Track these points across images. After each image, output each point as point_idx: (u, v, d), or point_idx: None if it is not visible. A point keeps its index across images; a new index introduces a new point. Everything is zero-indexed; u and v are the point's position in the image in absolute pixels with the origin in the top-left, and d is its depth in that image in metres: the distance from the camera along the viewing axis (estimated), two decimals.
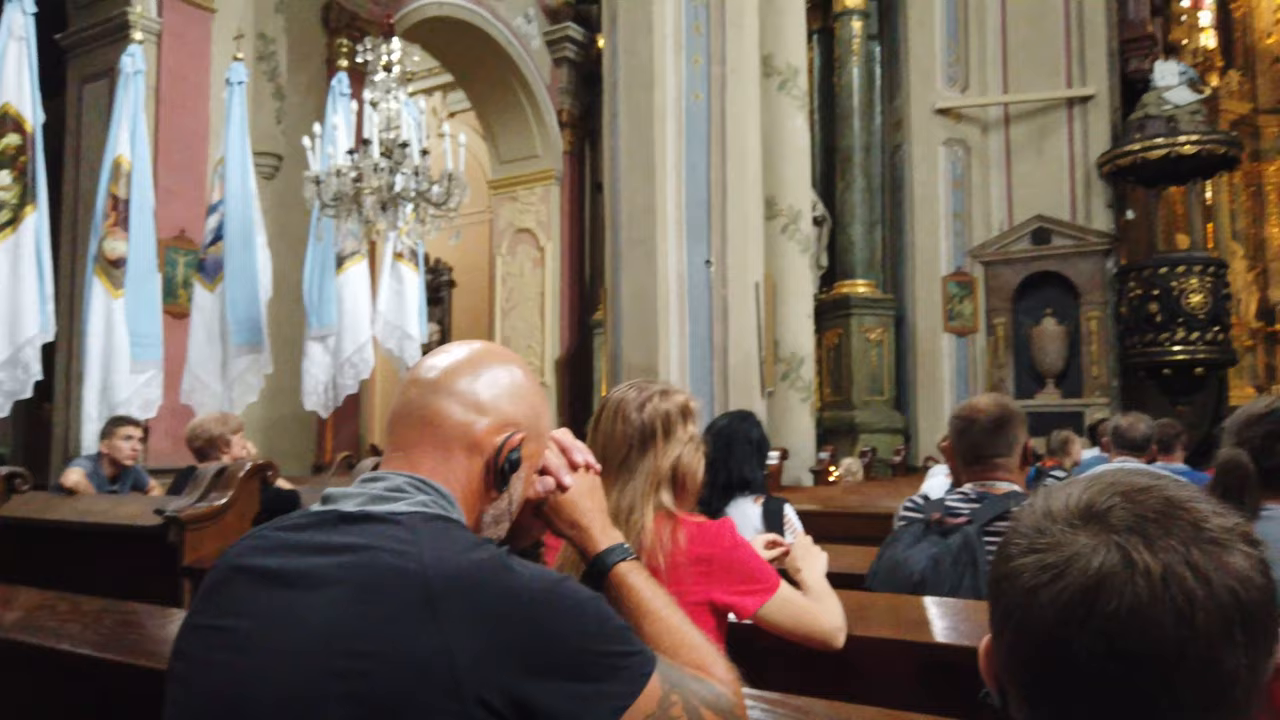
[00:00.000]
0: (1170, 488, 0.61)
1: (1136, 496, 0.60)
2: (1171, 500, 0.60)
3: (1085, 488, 0.62)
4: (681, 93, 6.60)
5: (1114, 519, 0.59)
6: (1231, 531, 0.59)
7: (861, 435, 9.40)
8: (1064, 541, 0.59)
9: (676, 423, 1.55)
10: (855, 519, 4.52)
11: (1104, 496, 0.61)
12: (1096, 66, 9.35)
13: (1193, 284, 8.76)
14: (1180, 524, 0.58)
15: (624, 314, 6.78)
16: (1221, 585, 0.56)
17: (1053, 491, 0.64)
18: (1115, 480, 0.62)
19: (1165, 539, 0.57)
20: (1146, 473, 0.64)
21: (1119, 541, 0.58)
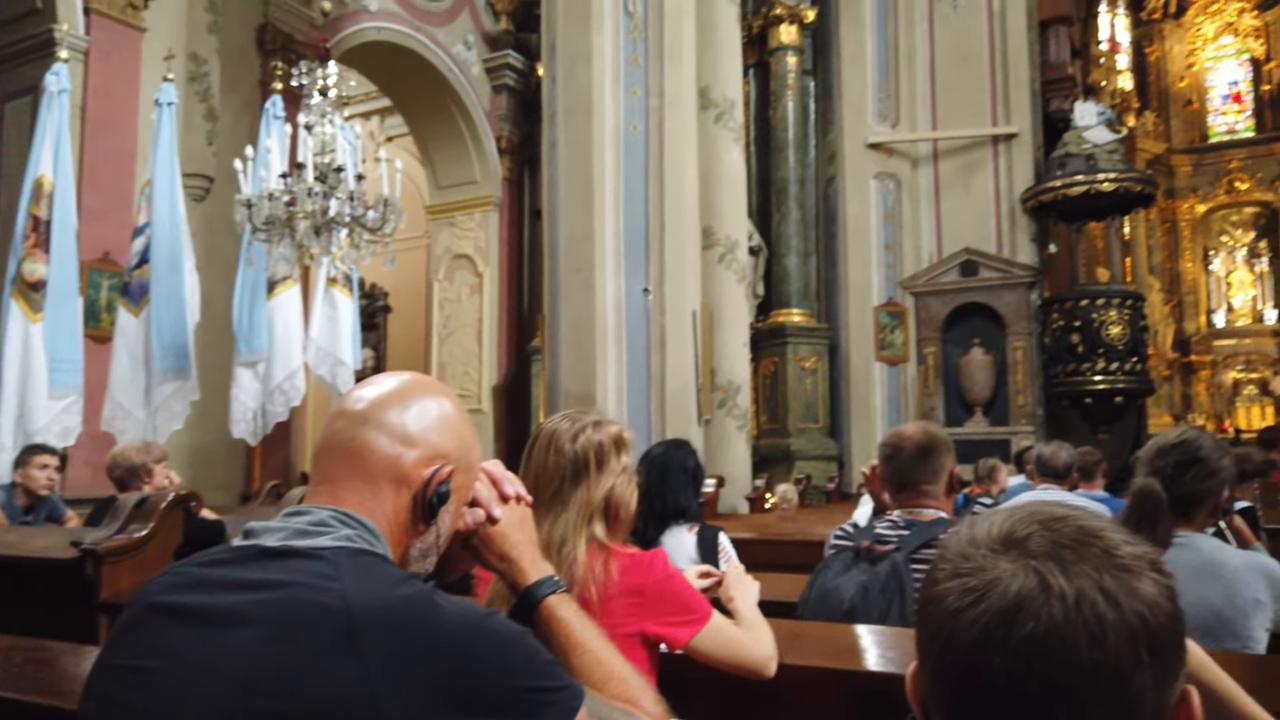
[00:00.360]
0: (1084, 518, 0.64)
1: (1053, 525, 0.63)
2: (1085, 529, 0.63)
3: (1007, 516, 0.65)
4: (620, 123, 6.67)
5: (1033, 545, 0.62)
6: (1141, 559, 0.62)
7: (797, 462, 9.51)
8: (986, 566, 0.62)
9: (610, 454, 1.55)
10: (789, 547, 4.56)
11: (1024, 525, 0.63)
12: (1020, 106, 9.70)
13: (1112, 316, 9.09)
14: (1093, 551, 0.61)
15: (562, 341, 6.78)
16: (1131, 609, 0.59)
17: (977, 520, 0.67)
18: (1034, 510, 0.65)
19: (1079, 565, 0.60)
20: (1063, 504, 0.67)
21: (1036, 567, 0.60)
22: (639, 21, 6.70)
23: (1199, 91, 19.69)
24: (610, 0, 6.67)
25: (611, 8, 6.68)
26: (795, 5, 10.06)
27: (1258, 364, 17.79)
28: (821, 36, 10.48)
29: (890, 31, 10.12)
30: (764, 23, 10.22)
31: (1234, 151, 18.76)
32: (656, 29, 6.74)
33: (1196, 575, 1.89)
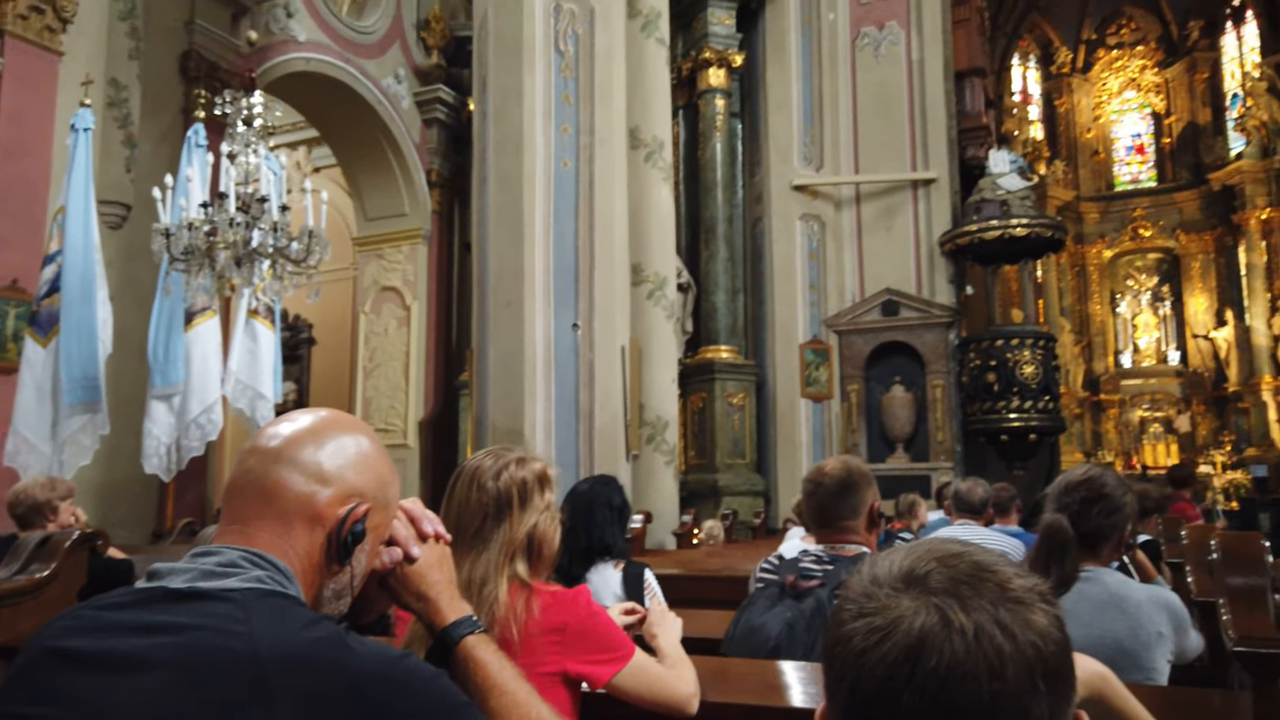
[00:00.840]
0: (978, 553, 0.67)
1: (950, 562, 0.65)
2: (980, 564, 0.65)
3: (906, 555, 0.67)
4: (550, 159, 6.71)
5: (933, 582, 0.64)
6: (1031, 591, 0.64)
7: (724, 498, 9.57)
8: (889, 605, 0.63)
9: (533, 491, 1.55)
10: (716, 582, 4.57)
11: (923, 562, 0.66)
12: (938, 152, 10.07)
13: (1025, 356, 9.43)
14: (988, 586, 0.63)
15: (490, 376, 6.74)
16: (1026, 641, 0.61)
17: (878, 559, 0.69)
18: (931, 548, 0.68)
19: (977, 600, 0.62)
20: (958, 541, 0.69)
21: (937, 603, 0.62)
22: (570, 60, 6.78)
23: (1105, 143, 20.74)
24: (542, 39, 6.74)
25: (543, 46, 6.75)
26: (724, 50, 10.30)
27: (1162, 403, 18.61)
28: (749, 81, 10.74)
29: (815, 78, 10.43)
30: (693, 66, 10.43)
31: (1138, 200, 19.75)
32: (587, 68, 6.83)
33: (1102, 608, 1.94)
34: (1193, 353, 18.62)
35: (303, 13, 9.61)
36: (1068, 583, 1.92)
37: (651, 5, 7.65)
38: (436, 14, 11.36)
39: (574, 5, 6.83)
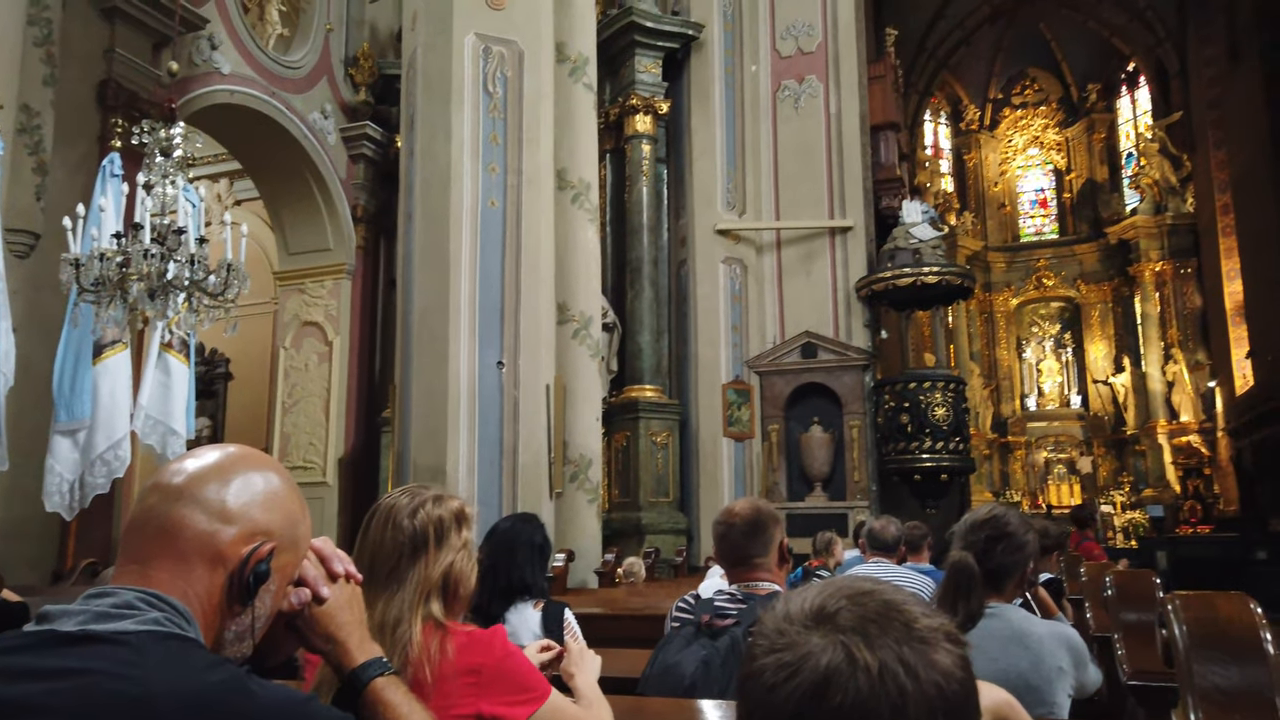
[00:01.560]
0: (888, 592, 0.69)
1: (861, 600, 0.68)
2: (889, 603, 0.67)
3: (819, 592, 0.70)
4: (478, 198, 6.75)
5: (841, 620, 0.66)
6: (937, 631, 0.66)
7: (647, 536, 9.60)
8: (799, 642, 0.65)
9: (450, 529, 1.54)
10: (637, 621, 4.59)
11: (834, 600, 0.68)
12: (854, 202, 10.44)
13: (937, 398, 9.76)
14: (895, 625, 0.66)
15: (413, 413, 6.68)
16: (928, 680, 0.63)
17: (790, 596, 0.72)
18: (843, 585, 0.70)
19: (883, 639, 0.64)
20: (871, 579, 0.72)
21: (844, 641, 0.64)
22: (498, 102, 6.87)
23: (1011, 196, 21.75)
24: (470, 79, 6.82)
25: (472, 87, 6.82)
26: (650, 97, 10.54)
27: (1066, 445, 19.39)
28: (674, 127, 10.99)
29: (738, 127, 10.74)
30: (621, 111, 10.64)
31: (1041, 251, 20.72)
32: (516, 110, 6.92)
33: (1006, 644, 2.00)
34: (1093, 397, 19.49)
35: (228, 45, 9.51)
36: (973, 618, 1.99)
37: (580, 51, 7.80)
38: (365, 51, 11.36)
39: (503, 48, 6.93)
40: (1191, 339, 18.07)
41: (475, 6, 6.85)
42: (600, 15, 10.42)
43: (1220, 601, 1.14)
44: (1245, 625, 1.06)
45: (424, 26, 7.05)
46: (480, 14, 6.88)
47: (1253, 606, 1.12)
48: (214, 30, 9.30)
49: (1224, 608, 1.12)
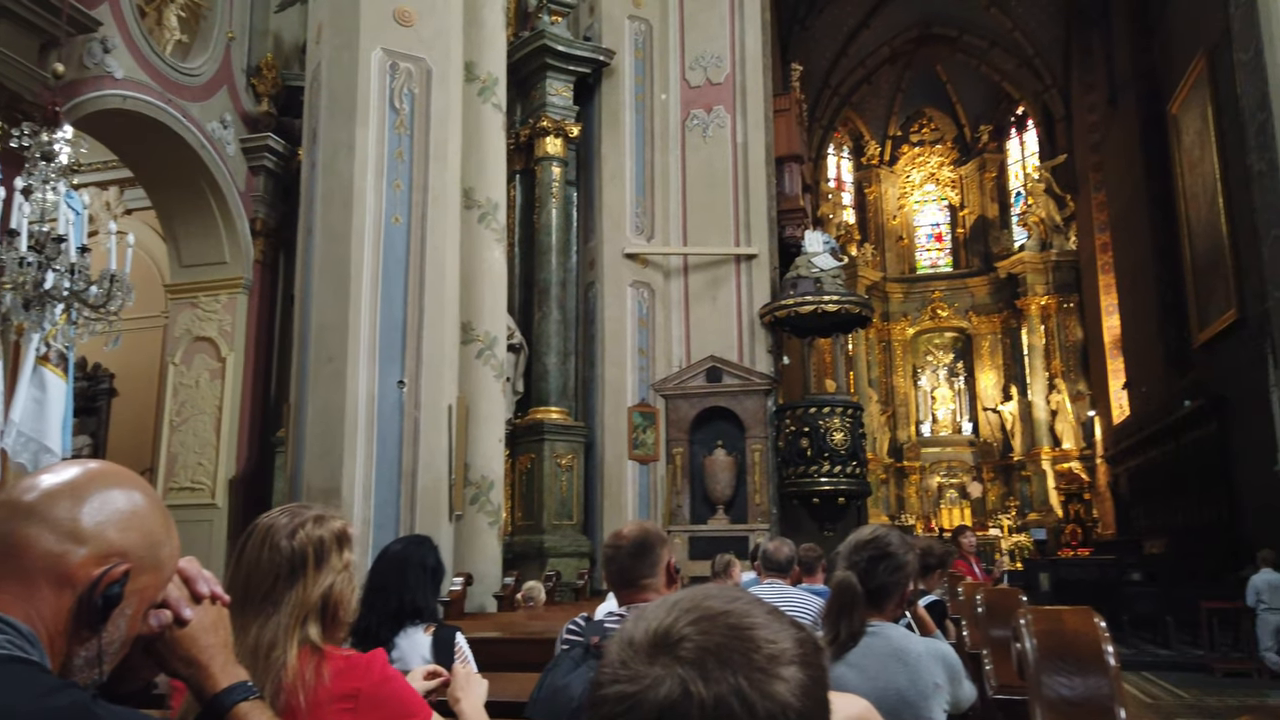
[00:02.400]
0: (737, 613, 0.68)
1: (705, 624, 0.67)
2: (735, 627, 0.67)
3: (667, 612, 0.69)
4: (381, 215, 6.66)
5: (682, 651, 0.65)
6: (777, 660, 0.65)
7: (550, 559, 9.53)
8: (638, 674, 0.65)
9: (331, 550, 1.50)
10: (534, 645, 4.55)
11: (679, 623, 0.68)
12: (759, 230, 10.68)
13: (835, 423, 10.01)
14: (736, 654, 0.65)
15: (308, 433, 6.51)
16: (764, 712, 0.63)
17: (641, 615, 0.71)
18: (693, 604, 0.69)
19: (720, 671, 0.64)
20: (725, 595, 0.71)
21: (681, 674, 0.64)
22: (405, 118, 6.80)
23: (908, 229, 22.63)
24: (376, 95, 6.74)
25: (377, 102, 6.74)
26: (561, 120, 10.58)
27: (958, 470, 20.15)
28: (585, 151, 11.05)
29: (647, 153, 10.88)
30: (532, 133, 10.65)
31: (936, 283, 21.60)
32: (423, 127, 6.86)
33: (885, 661, 2.05)
34: (983, 424, 20.33)
35: (122, 49, 9.14)
36: (855, 637, 2.05)
37: (490, 71, 7.80)
38: (269, 61, 11.08)
39: (411, 65, 6.88)
40: (1073, 370, 19.06)
41: (383, 22, 6.78)
42: (512, 37, 10.44)
43: (1068, 616, 1.21)
44: (1090, 639, 1.12)
45: (329, 40, 6.94)
46: (388, 29, 6.81)
47: (1097, 620, 1.19)
48: (107, 33, 8.93)
49: (1071, 622, 1.18)
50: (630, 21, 11.00)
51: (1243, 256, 11.19)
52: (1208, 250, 12.63)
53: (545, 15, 10.50)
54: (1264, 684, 8.47)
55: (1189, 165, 13.29)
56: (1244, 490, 11.65)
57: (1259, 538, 10.20)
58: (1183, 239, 13.71)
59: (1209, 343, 12.71)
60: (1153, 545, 14.63)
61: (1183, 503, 13.72)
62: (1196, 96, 12.72)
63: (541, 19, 10.50)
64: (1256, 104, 9.41)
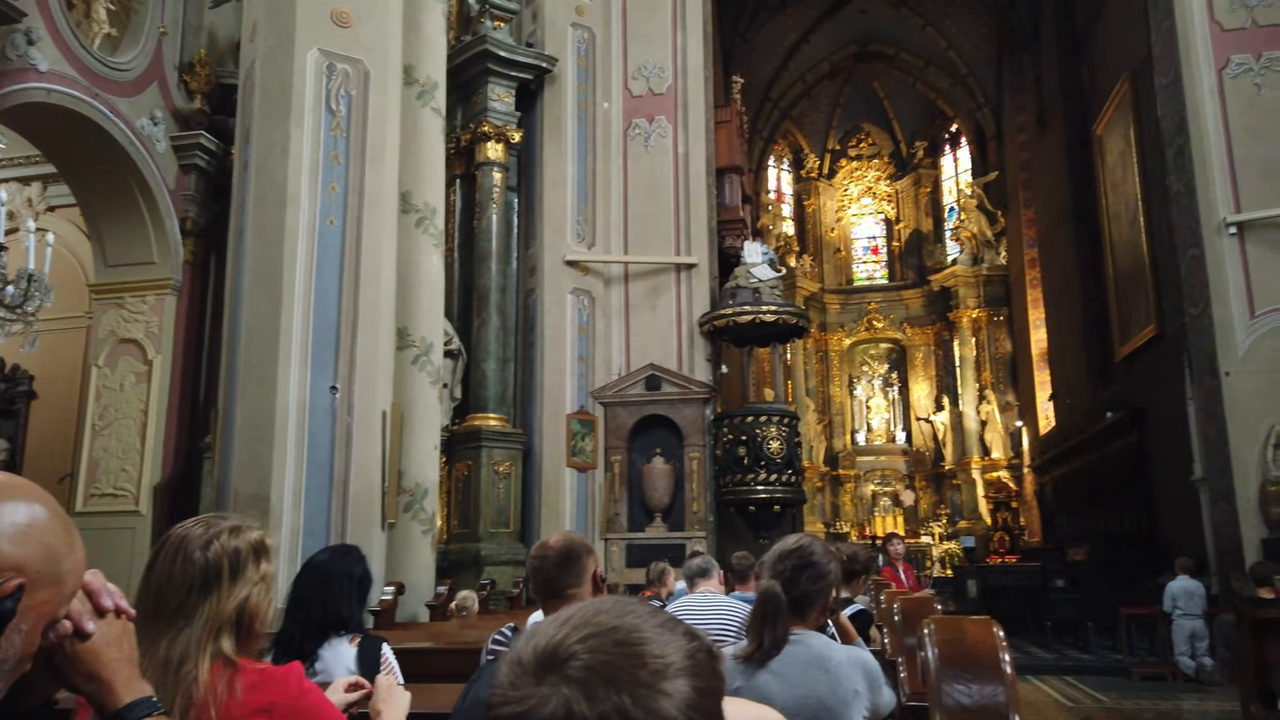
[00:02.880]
0: (625, 628, 0.69)
1: (593, 640, 0.68)
2: (621, 643, 0.67)
3: (558, 628, 0.70)
4: (315, 217, 6.56)
5: (569, 670, 0.66)
6: (663, 674, 0.66)
7: (486, 568, 9.45)
8: (526, 695, 0.66)
9: (247, 561, 1.48)
10: (467, 655, 4.52)
11: (568, 640, 0.68)
12: (699, 240, 10.77)
13: (772, 432, 10.13)
14: (622, 671, 0.66)
15: (236, 438, 6.36)
16: None
17: (529, 635, 0.71)
18: (584, 620, 0.70)
19: (605, 689, 0.64)
20: (618, 609, 0.72)
21: (567, 694, 0.64)
22: (341, 120, 6.71)
23: (845, 242, 23.03)
24: (312, 95, 6.64)
25: (313, 103, 6.64)
26: (503, 126, 10.55)
27: (891, 479, 20.53)
28: (526, 157, 11.02)
29: (589, 161, 10.89)
30: (472, 138, 10.59)
31: (872, 295, 22.02)
32: (359, 130, 6.78)
33: (807, 669, 2.08)
34: (916, 434, 20.75)
35: (47, 41, 8.84)
36: (779, 645, 2.08)
37: (429, 75, 7.74)
38: (202, 58, 10.82)
39: (348, 66, 6.79)
40: (1002, 382, 19.58)
41: (320, 22, 6.69)
42: (454, 41, 10.38)
43: (969, 626, 1.25)
44: (988, 648, 1.16)
45: (264, 38, 6.81)
46: (325, 30, 6.72)
47: (995, 630, 1.23)
48: (32, 24, 8.63)
49: (971, 632, 1.22)
50: (573, 29, 11.02)
51: (1162, 274, 11.64)
52: (1129, 267, 13.10)
53: (487, 20, 10.46)
54: (1178, 687, 8.80)
55: (1112, 185, 13.79)
56: (1162, 500, 12.09)
57: (1176, 546, 10.59)
58: (1106, 256, 14.21)
59: (1130, 357, 13.18)
60: (1076, 552, 15.08)
61: (1104, 511, 14.19)
62: (1120, 119, 13.20)
63: (483, 24, 10.46)
64: (1175, 128, 9.82)
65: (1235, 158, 9.12)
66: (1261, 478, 8.48)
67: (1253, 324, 8.84)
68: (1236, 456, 8.66)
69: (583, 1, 11.13)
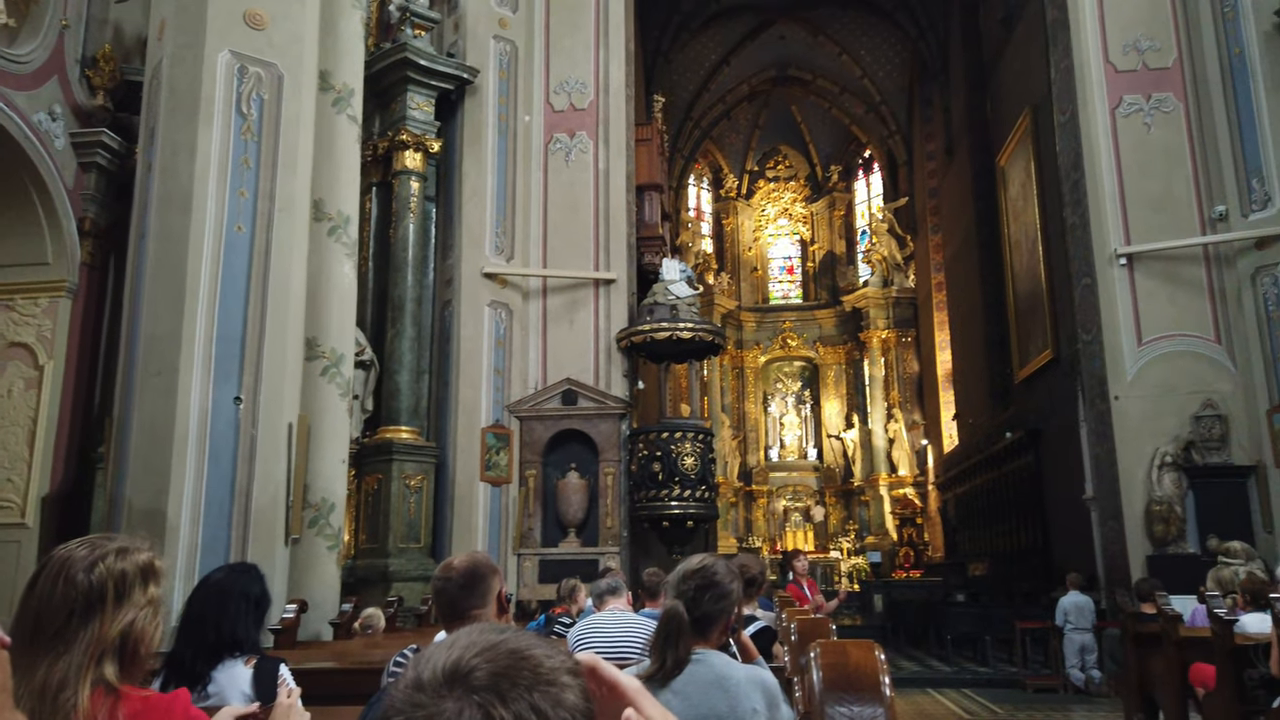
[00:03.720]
0: (511, 641, 0.73)
1: (489, 652, 0.71)
2: (515, 651, 0.72)
3: (449, 651, 0.72)
4: (223, 222, 6.37)
5: (475, 680, 0.68)
6: (559, 670, 0.71)
7: (395, 584, 9.26)
8: (435, 712, 0.67)
9: (134, 584, 1.45)
10: (371, 675, 4.42)
11: (465, 656, 0.71)
12: (618, 256, 10.82)
13: (686, 448, 10.22)
14: (524, 673, 0.70)
15: (133, 449, 6.11)
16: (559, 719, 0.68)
17: (421, 660, 0.73)
18: (470, 641, 0.73)
19: (514, 691, 0.68)
20: (495, 628, 0.75)
21: (479, 700, 0.67)
22: (252, 124, 6.55)
23: (762, 261, 23.46)
24: (222, 98, 6.46)
25: (223, 105, 6.46)
26: (421, 135, 10.42)
27: (802, 494, 20.92)
28: (446, 167, 10.91)
29: (509, 173, 10.85)
30: (390, 145, 10.44)
31: (787, 314, 22.47)
32: (271, 135, 6.62)
33: (707, 688, 2.10)
34: (827, 451, 21.22)
35: None
36: (680, 664, 2.11)
37: (345, 82, 7.60)
38: (106, 53, 10.40)
39: (261, 69, 6.64)
40: (909, 401, 20.19)
41: (232, 23, 6.52)
42: (373, 48, 10.23)
43: (852, 649, 1.29)
44: (870, 670, 1.21)
45: (173, 37, 6.60)
46: (237, 31, 6.55)
47: (877, 653, 1.28)
48: None
49: (854, 654, 1.27)
50: (495, 41, 10.98)
51: (1058, 301, 12.20)
52: (1028, 294, 13.69)
53: (408, 28, 10.35)
54: (1069, 699, 9.18)
55: (1014, 214, 14.40)
56: (1056, 517, 12.62)
57: (1069, 562, 11.07)
58: (1008, 282, 14.82)
59: (1029, 379, 13.75)
60: (976, 567, 15.61)
61: (1003, 528, 14.73)
62: (1021, 151, 13.81)
63: (404, 32, 10.34)
64: (1071, 162, 10.32)
65: (1126, 193, 9.63)
66: (1147, 497, 8.94)
67: (1140, 351, 9.34)
68: (1124, 477, 9.11)
69: (505, 14, 11.11)
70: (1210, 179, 9.47)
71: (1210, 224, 9.40)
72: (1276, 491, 8.70)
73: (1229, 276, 9.31)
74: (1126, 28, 9.93)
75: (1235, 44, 9.41)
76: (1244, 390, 9.03)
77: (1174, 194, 9.54)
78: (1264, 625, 4.53)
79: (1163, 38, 9.87)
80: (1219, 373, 9.16)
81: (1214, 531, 8.30)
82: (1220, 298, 9.33)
